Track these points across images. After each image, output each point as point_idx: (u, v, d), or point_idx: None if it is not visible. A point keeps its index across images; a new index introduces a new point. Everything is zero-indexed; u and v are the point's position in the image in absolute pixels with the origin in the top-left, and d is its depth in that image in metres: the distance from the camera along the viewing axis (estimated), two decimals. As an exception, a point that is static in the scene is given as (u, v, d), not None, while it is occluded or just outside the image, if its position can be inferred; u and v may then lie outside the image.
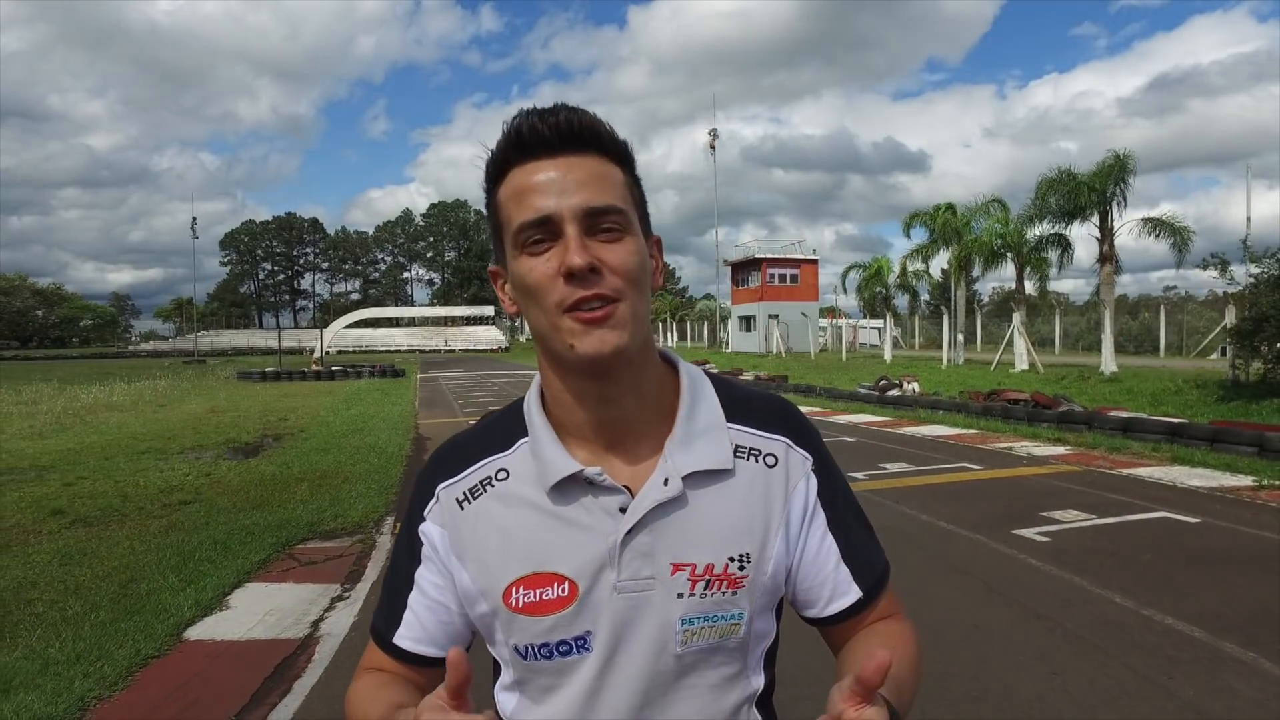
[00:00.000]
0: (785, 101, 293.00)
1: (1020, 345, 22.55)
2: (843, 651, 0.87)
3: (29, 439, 12.80)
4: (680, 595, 0.79)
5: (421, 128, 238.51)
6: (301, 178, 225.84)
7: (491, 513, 0.82)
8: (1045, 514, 6.46)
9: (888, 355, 31.19)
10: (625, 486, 0.79)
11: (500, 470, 0.84)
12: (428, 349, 79.11)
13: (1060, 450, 9.91)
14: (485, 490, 0.84)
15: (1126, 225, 19.45)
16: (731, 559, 0.80)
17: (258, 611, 4.51)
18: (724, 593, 0.80)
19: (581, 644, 0.79)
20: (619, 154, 0.80)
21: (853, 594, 0.86)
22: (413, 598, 0.87)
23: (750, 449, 0.84)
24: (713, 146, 55.29)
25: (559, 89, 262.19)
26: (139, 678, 3.58)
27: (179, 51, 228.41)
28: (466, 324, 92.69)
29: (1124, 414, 11.16)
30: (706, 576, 0.79)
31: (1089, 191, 19.08)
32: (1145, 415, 11.20)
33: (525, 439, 0.84)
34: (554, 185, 0.75)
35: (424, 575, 0.86)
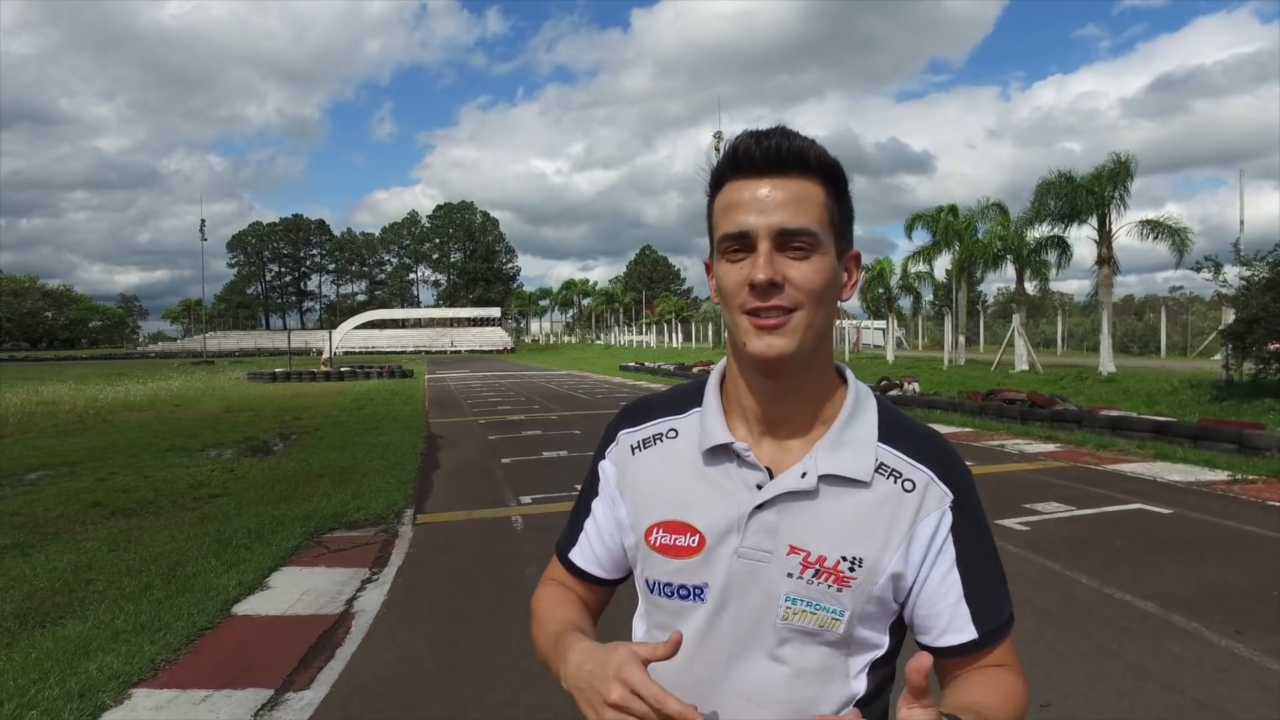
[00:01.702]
0: (788, 103, 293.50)
1: (1020, 346, 22.89)
2: (944, 690, 0.91)
3: (55, 437, 13.27)
4: (790, 575, 0.87)
5: (427, 130, 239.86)
6: (308, 180, 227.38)
7: (655, 462, 0.97)
8: (1028, 506, 6.85)
9: (890, 356, 31.49)
10: (768, 468, 0.90)
11: (671, 429, 0.98)
12: (434, 350, 79.69)
13: (1050, 448, 10.28)
14: (656, 443, 0.99)
15: (1125, 227, 19.77)
16: (844, 558, 0.87)
17: (295, 591, 4.93)
18: (830, 586, 0.87)
19: (698, 593, 0.91)
20: (826, 174, 0.87)
21: (968, 633, 0.89)
22: (588, 524, 1.04)
23: (893, 470, 0.90)
24: (718, 149, 55.49)
25: (563, 91, 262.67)
26: (198, 645, 4.00)
27: (187, 54, 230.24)
28: (472, 325, 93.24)
29: (1113, 413, 11.52)
30: (817, 566, 0.87)
31: (1087, 195, 19.43)
32: (1134, 414, 11.56)
33: (698, 408, 0.98)
34: (756, 204, 0.85)
35: (599, 506, 1.03)
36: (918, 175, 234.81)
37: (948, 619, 0.89)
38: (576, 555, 1.05)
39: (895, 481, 0.89)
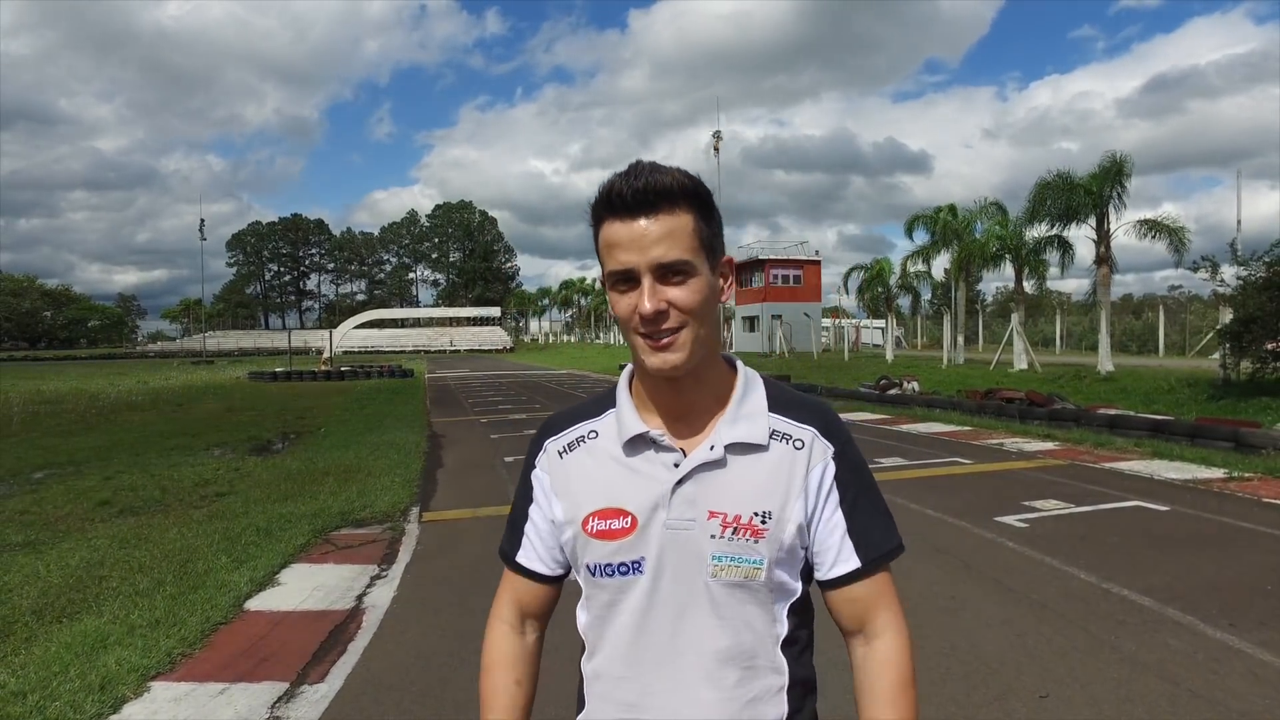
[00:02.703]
0: (785, 103, 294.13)
1: (1019, 345, 23.00)
2: (857, 680, 1.06)
3: (60, 436, 13.34)
4: (713, 536, 1.00)
5: (426, 130, 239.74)
6: (307, 180, 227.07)
7: (582, 461, 1.09)
8: (1026, 503, 6.93)
9: (890, 355, 31.58)
10: (681, 448, 1.04)
11: (591, 431, 1.12)
12: (433, 349, 79.68)
13: (1048, 446, 10.36)
14: (580, 445, 1.11)
15: (1123, 226, 19.86)
16: (756, 513, 1.00)
17: (306, 588, 5.00)
18: (747, 539, 1.00)
19: (636, 567, 1.02)
20: (691, 200, 0.98)
21: (851, 563, 1.04)
22: (528, 527, 1.15)
23: (784, 433, 1.05)
24: (717, 149, 55.66)
25: (562, 91, 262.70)
26: (213, 640, 4.07)
27: (186, 55, 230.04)
28: (472, 324, 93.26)
29: (1111, 411, 11.61)
30: (735, 525, 1.00)
31: (1085, 194, 19.52)
32: (1131, 412, 11.65)
33: (613, 409, 1.11)
34: (634, 243, 0.95)
35: (536, 512, 1.14)
36: (915, 175, 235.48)
37: (834, 553, 1.04)
38: (523, 558, 1.15)
39: (787, 443, 1.04)
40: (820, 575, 1.05)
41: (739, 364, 1.12)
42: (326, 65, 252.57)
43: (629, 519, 1.02)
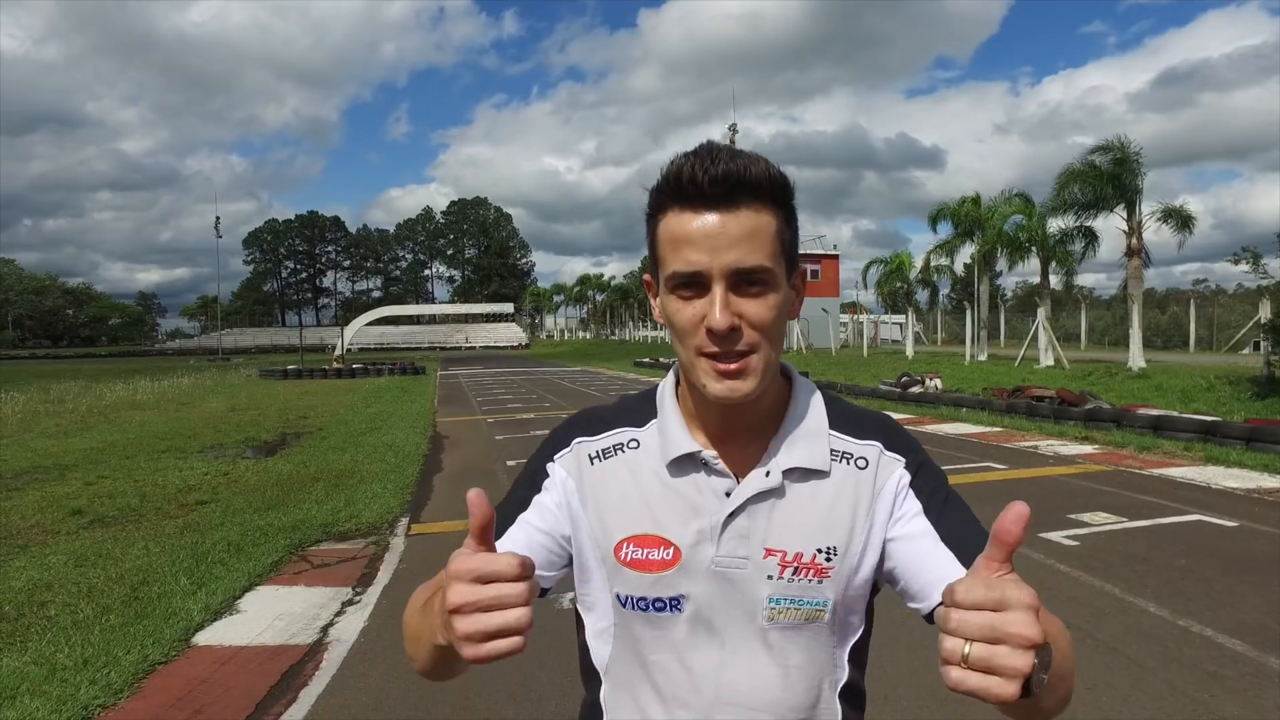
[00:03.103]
0: (796, 100, 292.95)
1: (1045, 340, 22.13)
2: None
3: (54, 438, 12.95)
4: (770, 577, 0.86)
5: (442, 129, 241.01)
6: (324, 178, 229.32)
7: (618, 473, 0.92)
8: (1073, 516, 6.26)
9: (910, 351, 30.81)
10: (734, 473, 0.88)
11: (633, 440, 0.94)
12: (448, 346, 79.63)
13: (1088, 449, 9.66)
14: (617, 454, 0.94)
15: (1155, 214, 18.94)
16: (819, 550, 0.87)
17: (267, 616, 4.46)
18: (810, 580, 0.86)
19: (675, 604, 0.88)
20: (775, 195, 0.82)
21: (958, 575, 0.81)
22: (524, 516, 0.94)
23: (844, 453, 0.91)
24: (732, 143, 55.07)
25: (575, 90, 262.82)
26: (145, 685, 3.52)
27: (208, 59, 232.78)
28: (487, 321, 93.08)
29: (1153, 411, 10.87)
30: (795, 564, 0.86)
31: (1116, 182, 18.62)
32: (1176, 413, 10.90)
33: (656, 420, 0.95)
34: (706, 241, 0.80)
35: (541, 501, 0.94)
36: (928, 170, 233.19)
37: (932, 569, 0.85)
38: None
39: (849, 464, 0.91)
40: (925, 604, 0.85)
41: (794, 372, 0.97)
42: (345, 68, 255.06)
43: (671, 550, 0.88)
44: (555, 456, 0.96)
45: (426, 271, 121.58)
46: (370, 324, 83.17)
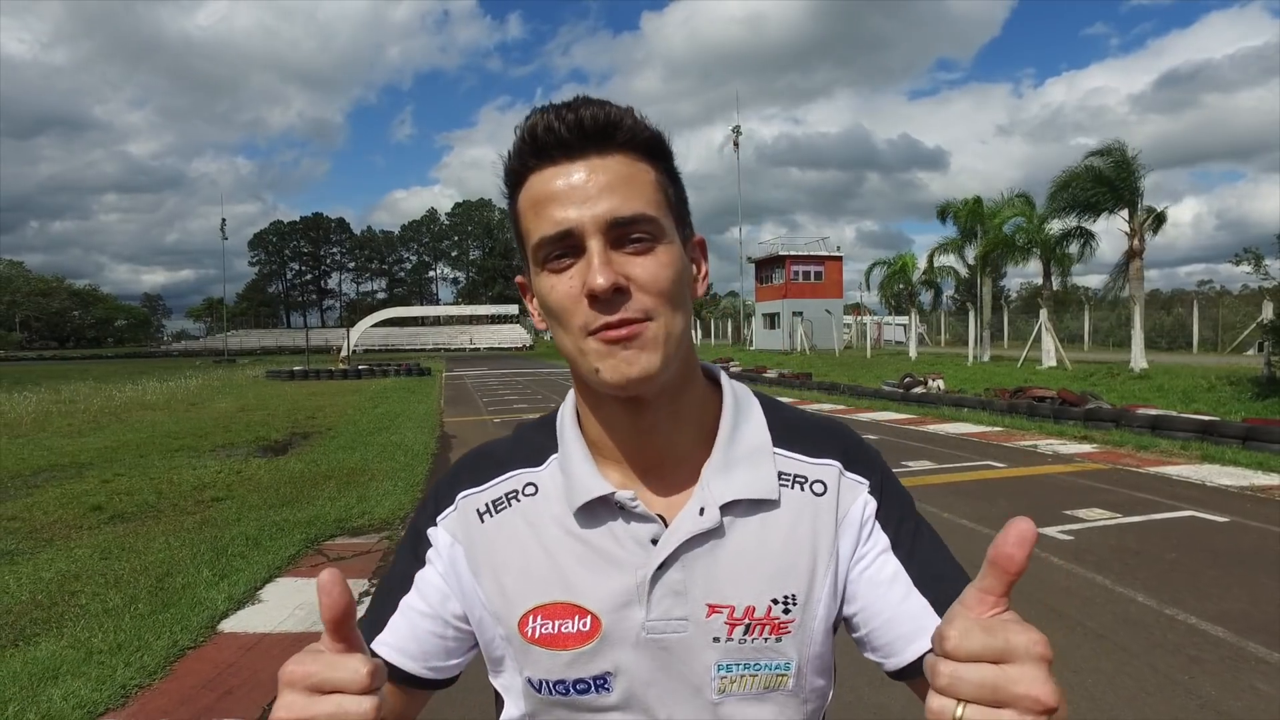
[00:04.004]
0: (799, 101, 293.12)
1: (1048, 342, 22.25)
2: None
3: (68, 437, 13.17)
4: (717, 640, 0.70)
5: (446, 131, 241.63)
6: (329, 180, 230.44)
7: (515, 529, 0.75)
8: (1069, 512, 6.41)
9: (913, 352, 30.93)
10: (659, 515, 0.72)
11: (529, 485, 0.77)
12: (453, 347, 79.88)
13: (1087, 448, 9.80)
14: (510, 504, 0.77)
15: (1151, 216, 19.08)
16: (775, 601, 0.71)
17: (288, 605, 4.64)
18: (766, 639, 0.71)
19: (601, 684, 0.71)
20: (650, 148, 0.70)
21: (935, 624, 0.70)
22: (406, 600, 0.78)
23: (796, 476, 0.75)
24: (736, 144, 55.20)
25: (579, 91, 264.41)
26: (176, 668, 3.71)
27: (214, 63, 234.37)
28: (491, 322, 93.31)
29: (1152, 411, 11.01)
30: (746, 620, 0.71)
31: (1116, 185, 18.74)
32: (1174, 413, 11.03)
33: (556, 455, 0.77)
34: (575, 193, 0.66)
35: (425, 578, 0.77)
36: (931, 171, 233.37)
37: (904, 621, 0.72)
38: (383, 643, 0.76)
39: (803, 489, 0.75)
40: (895, 661, 0.72)
41: (723, 376, 0.80)
42: (350, 71, 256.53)
43: (588, 619, 0.71)
44: (438, 518, 0.79)
45: (431, 273, 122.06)
46: (375, 325, 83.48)
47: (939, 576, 0.72)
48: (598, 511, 0.73)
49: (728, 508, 0.72)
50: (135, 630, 4.07)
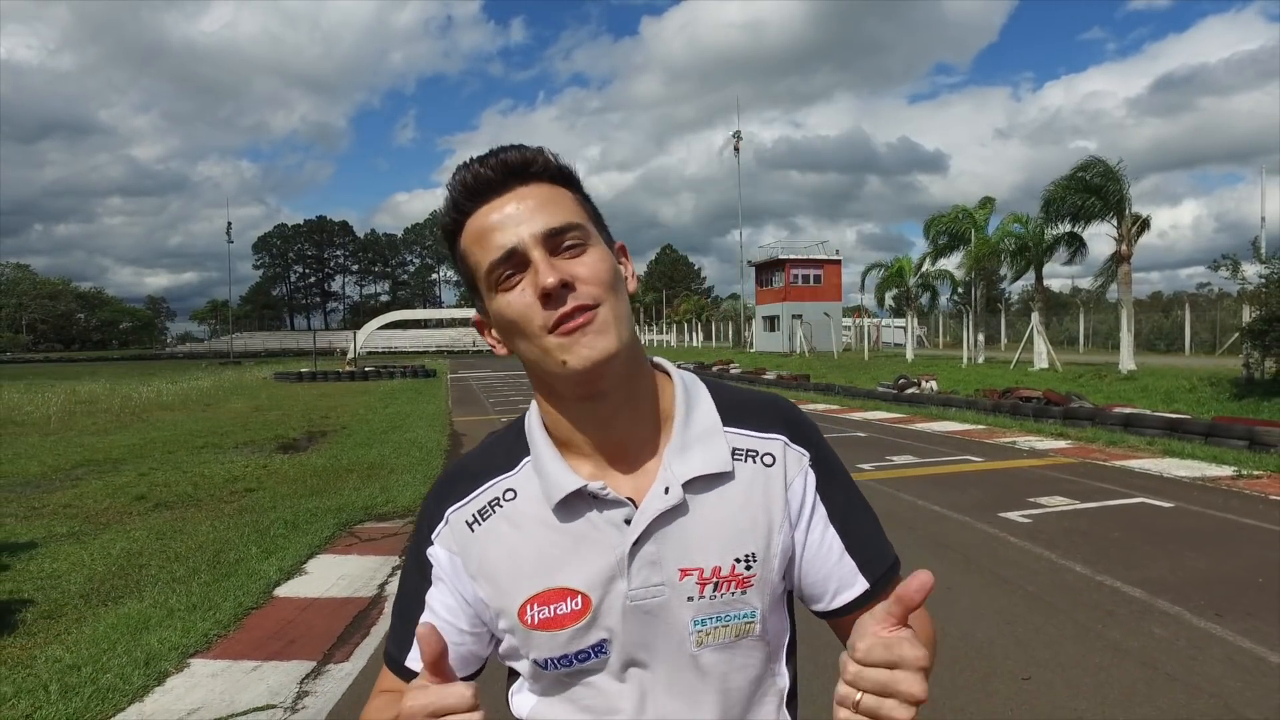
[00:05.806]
0: (799, 105, 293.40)
1: (1039, 344, 22.85)
2: (855, 625, 0.73)
3: (97, 435, 13.82)
4: (690, 599, 0.81)
5: (448, 134, 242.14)
6: (332, 184, 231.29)
7: (501, 533, 0.84)
8: (1032, 499, 7.04)
9: (910, 354, 31.49)
10: (629, 498, 0.82)
11: (508, 490, 0.86)
12: (456, 349, 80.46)
13: (1061, 444, 10.42)
14: (494, 511, 0.86)
15: (1137, 222, 19.70)
16: (738, 559, 0.82)
17: (331, 577, 5.27)
18: (733, 593, 0.82)
19: (599, 650, 0.82)
20: (564, 177, 0.82)
21: (859, 586, 0.87)
22: (424, 619, 0.86)
23: (748, 450, 0.86)
24: (737, 149, 55.88)
25: (579, 96, 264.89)
26: (245, 623, 4.35)
27: (218, 68, 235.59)
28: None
29: (1126, 410, 11.62)
30: (715, 579, 0.81)
31: (1103, 194, 19.37)
32: (1147, 411, 11.64)
33: (528, 458, 0.86)
34: (510, 219, 0.77)
35: (435, 597, 0.87)
36: (931, 174, 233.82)
37: (837, 579, 0.87)
38: (416, 660, 0.86)
39: (754, 461, 0.86)
40: (822, 606, 0.88)
41: (671, 368, 0.92)
42: (353, 75, 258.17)
43: (579, 599, 0.81)
44: (433, 536, 0.88)
45: (434, 275, 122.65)
46: (379, 328, 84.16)
47: (864, 541, 0.88)
48: (574, 504, 0.82)
49: (689, 484, 0.82)
50: (204, 594, 4.72)
